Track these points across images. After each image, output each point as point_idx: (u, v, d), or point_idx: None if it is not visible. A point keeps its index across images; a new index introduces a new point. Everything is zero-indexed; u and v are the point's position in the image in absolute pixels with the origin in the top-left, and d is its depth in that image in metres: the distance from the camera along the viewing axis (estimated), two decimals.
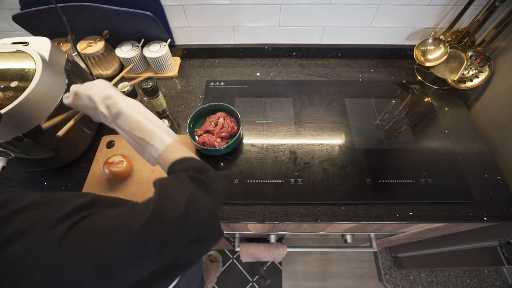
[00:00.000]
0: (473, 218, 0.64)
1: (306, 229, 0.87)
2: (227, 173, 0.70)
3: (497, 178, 0.70)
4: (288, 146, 0.75)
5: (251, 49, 0.94)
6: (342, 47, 0.94)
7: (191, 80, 0.91)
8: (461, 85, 0.83)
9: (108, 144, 0.74)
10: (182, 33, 0.91)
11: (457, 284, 1.33)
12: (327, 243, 1.27)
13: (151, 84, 0.80)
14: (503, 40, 0.77)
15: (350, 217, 0.65)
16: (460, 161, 0.72)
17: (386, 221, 0.64)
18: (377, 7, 0.81)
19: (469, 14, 0.79)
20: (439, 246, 1.02)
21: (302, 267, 1.46)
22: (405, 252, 1.29)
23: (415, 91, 0.87)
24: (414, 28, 0.88)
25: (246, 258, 0.96)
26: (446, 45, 0.82)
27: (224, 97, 0.86)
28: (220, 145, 0.69)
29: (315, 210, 0.66)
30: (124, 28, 0.84)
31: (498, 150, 0.76)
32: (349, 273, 1.44)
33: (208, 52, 0.96)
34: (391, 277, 1.37)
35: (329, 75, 0.93)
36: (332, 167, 0.71)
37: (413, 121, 0.80)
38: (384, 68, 0.94)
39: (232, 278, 1.41)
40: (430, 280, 1.36)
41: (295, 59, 0.97)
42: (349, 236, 0.91)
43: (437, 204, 0.66)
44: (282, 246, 0.95)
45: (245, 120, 0.80)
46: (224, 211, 0.65)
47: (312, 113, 0.82)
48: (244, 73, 0.94)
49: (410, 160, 0.72)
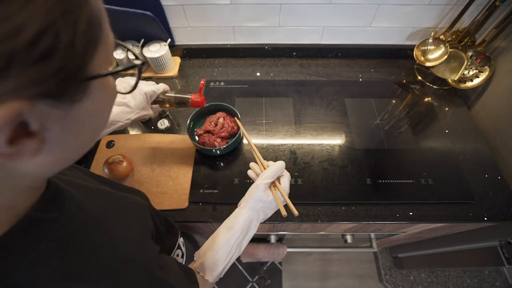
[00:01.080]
0: (473, 218, 0.64)
1: (306, 229, 0.87)
2: (227, 173, 0.70)
3: (498, 178, 0.70)
4: (288, 146, 0.75)
5: (251, 49, 0.94)
6: (342, 47, 0.94)
7: (191, 80, 0.91)
8: (461, 85, 0.82)
9: (108, 144, 0.74)
10: (182, 33, 0.91)
11: (458, 284, 1.33)
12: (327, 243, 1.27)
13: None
14: (504, 40, 0.77)
15: (350, 217, 0.65)
16: (460, 161, 0.72)
17: (386, 221, 0.64)
18: (377, 7, 0.81)
19: (469, 14, 0.79)
20: (439, 246, 1.02)
21: (302, 267, 1.46)
22: (405, 252, 1.29)
23: (415, 91, 0.87)
24: (414, 28, 0.88)
25: (246, 258, 0.96)
26: (446, 45, 0.82)
27: (224, 97, 0.86)
28: (220, 145, 0.69)
29: (315, 210, 0.66)
30: (124, 28, 0.84)
31: (498, 150, 0.76)
32: (349, 273, 1.44)
33: (208, 52, 0.96)
34: (391, 277, 1.37)
35: (329, 75, 0.93)
36: (332, 167, 0.71)
37: (414, 121, 0.80)
38: (384, 68, 0.94)
39: (232, 278, 1.40)
40: (430, 280, 1.36)
41: (295, 59, 0.97)
42: (349, 236, 0.91)
43: (437, 204, 0.66)
44: (282, 246, 0.94)
45: (245, 120, 0.80)
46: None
47: (312, 113, 0.82)
48: (244, 73, 0.93)
49: (410, 160, 0.72)
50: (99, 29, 0.19)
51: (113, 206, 0.35)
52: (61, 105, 0.18)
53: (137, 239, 0.33)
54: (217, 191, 0.67)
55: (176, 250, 0.53)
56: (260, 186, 0.46)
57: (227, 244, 0.44)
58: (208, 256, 0.44)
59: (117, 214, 0.34)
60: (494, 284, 1.32)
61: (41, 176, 0.23)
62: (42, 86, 0.16)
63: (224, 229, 0.46)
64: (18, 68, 0.14)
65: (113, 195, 0.37)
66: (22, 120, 0.16)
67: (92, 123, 0.23)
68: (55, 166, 0.22)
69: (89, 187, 0.34)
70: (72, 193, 0.28)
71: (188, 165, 0.71)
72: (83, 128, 0.21)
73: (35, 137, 0.17)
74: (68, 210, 0.26)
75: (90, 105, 0.20)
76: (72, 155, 0.23)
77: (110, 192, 0.37)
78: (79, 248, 0.26)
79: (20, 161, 0.18)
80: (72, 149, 0.22)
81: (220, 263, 0.43)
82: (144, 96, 0.54)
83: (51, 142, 0.18)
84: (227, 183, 0.68)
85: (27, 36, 0.14)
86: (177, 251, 0.53)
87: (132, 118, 0.52)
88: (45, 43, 0.15)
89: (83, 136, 0.23)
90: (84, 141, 0.23)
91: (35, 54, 0.15)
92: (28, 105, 0.16)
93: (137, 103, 0.52)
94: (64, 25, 0.15)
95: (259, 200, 0.46)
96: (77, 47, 0.17)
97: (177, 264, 0.39)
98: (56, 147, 0.19)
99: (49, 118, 0.17)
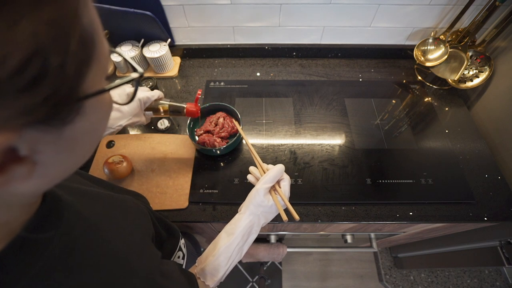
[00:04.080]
0: (473, 218, 0.64)
1: (306, 229, 0.87)
2: (227, 173, 0.70)
3: (498, 178, 0.70)
4: (288, 146, 0.75)
5: (251, 49, 0.94)
6: (342, 47, 0.94)
7: (191, 80, 0.91)
8: (461, 85, 0.82)
9: (107, 144, 0.74)
10: (182, 33, 0.91)
11: (458, 284, 1.33)
12: (327, 243, 1.27)
13: (151, 84, 0.80)
14: (504, 40, 0.77)
15: (350, 217, 0.65)
16: (460, 161, 0.72)
17: (386, 221, 0.64)
18: (377, 7, 0.81)
19: (469, 14, 0.79)
20: (439, 246, 1.02)
21: (302, 267, 1.46)
22: (405, 252, 1.29)
23: (415, 91, 0.87)
24: (414, 28, 0.88)
25: (246, 258, 0.95)
26: (446, 45, 0.82)
27: (224, 97, 0.86)
28: (220, 145, 0.69)
29: (315, 210, 0.66)
30: (124, 28, 0.84)
31: (498, 150, 0.76)
32: (349, 273, 1.44)
33: (208, 52, 0.96)
34: (391, 277, 1.37)
35: (329, 75, 0.93)
36: (332, 167, 0.71)
37: (413, 121, 0.80)
38: (384, 68, 0.94)
39: (232, 278, 1.41)
40: (430, 280, 1.36)
41: (295, 59, 0.97)
42: (349, 236, 0.91)
43: (438, 204, 0.66)
44: (282, 246, 0.94)
45: (245, 120, 0.80)
46: (224, 211, 0.65)
47: (312, 113, 0.82)
48: (244, 73, 0.93)
49: (410, 160, 0.72)
50: (92, 46, 0.17)
51: (114, 211, 0.34)
52: (53, 128, 0.16)
53: (139, 246, 0.33)
54: (217, 191, 0.67)
55: (177, 252, 0.53)
56: (260, 191, 0.46)
57: (227, 249, 0.44)
58: (209, 261, 0.44)
59: (117, 220, 0.33)
60: (494, 284, 1.32)
61: (35, 194, 0.22)
62: (31, 115, 0.14)
63: (224, 234, 0.46)
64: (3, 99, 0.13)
65: (113, 200, 0.36)
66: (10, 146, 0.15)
67: (87, 139, 0.21)
68: (49, 184, 0.20)
69: (88, 192, 0.33)
70: (71, 201, 0.27)
71: (188, 165, 0.71)
72: (77, 145, 0.20)
73: (25, 161, 0.16)
74: (67, 222, 0.25)
75: (84, 123, 0.19)
76: (67, 171, 0.21)
77: (110, 196, 0.36)
78: (78, 261, 0.25)
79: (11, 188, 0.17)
80: (66, 166, 0.21)
81: (221, 268, 0.43)
82: (138, 102, 0.52)
83: (44, 164, 0.17)
84: (227, 183, 0.68)
85: (12, 64, 0.12)
86: (178, 253, 0.53)
87: (123, 124, 0.50)
88: (33, 70, 0.13)
89: (78, 153, 0.21)
90: (79, 157, 0.22)
91: (22, 82, 0.13)
92: (16, 135, 0.14)
93: (130, 109, 0.51)
94: (53, 48, 0.14)
95: (259, 205, 0.46)
96: (68, 70, 0.15)
97: (179, 270, 0.39)
98: (49, 168, 0.18)
99: (40, 142, 0.16)
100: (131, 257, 0.30)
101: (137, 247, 0.32)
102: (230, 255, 0.44)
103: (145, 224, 0.39)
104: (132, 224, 0.35)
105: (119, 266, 0.28)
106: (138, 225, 0.37)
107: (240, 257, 0.47)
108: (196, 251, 0.73)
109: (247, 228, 0.45)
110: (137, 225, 0.36)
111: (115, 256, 0.28)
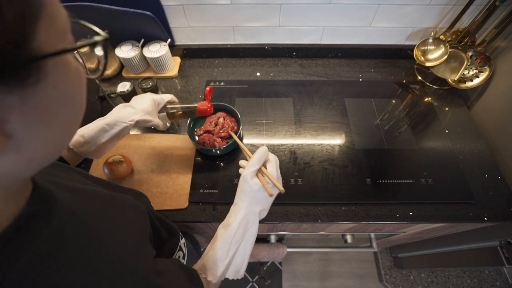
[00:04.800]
0: (473, 218, 0.64)
1: (306, 229, 0.87)
2: (227, 173, 0.70)
3: (498, 178, 0.70)
4: (288, 146, 0.75)
5: (251, 49, 0.94)
6: (342, 47, 0.94)
7: (191, 80, 0.91)
8: (461, 85, 0.82)
9: None
10: (182, 33, 0.91)
11: (458, 284, 1.33)
12: (327, 243, 1.27)
13: (151, 84, 0.80)
14: (504, 40, 0.77)
15: (350, 217, 0.65)
16: (460, 161, 0.72)
17: (386, 221, 0.64)
18: (377, 7, 0.81)
19: (469, 14, 0.79)
20: (439, 246, 1.02)
21: (302, 267, 1.46)
22: (405, 252, 1.29)
23: (415, 91, 0.87)
24: (414, 28, 0.88)
25: None
26: (446, 45, 0.82)
27: (224, 97, 0.86)
28: (220, 145, 0.69)
29: (315, 210, 0.66)
30: (124, 28, 0.84)
31: (498, 150, 0.76)
32: (349, 273, 1.44)
33: (208, 52, 0.96)
34: (391, 277, 1.37)
35: (329, 75, 0.93)
36: (332, 167, 0.71)
37: (414, 121, 0.80)
38: (384, 68, 0.94)
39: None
40: (430, 280, 1.36)
41: (295, 59, 0.97)
42: (349, 236, 0.91)
43: (438, 204, 0.66)
44: (282, 246, 0.94)
45: (245, 120, 0.80)
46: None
47: (312, 113, 0.82)
48: (244, 73, 0.93)
49: (410, 160, 0.72)
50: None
51: (111, 210, 0.34)
52: (13, 89, 0.16)
53: (134, 245, 0.32)
54: (217, 191, 0.67)
55: (177, 252, 0.53)
56: (247, 176, 0.45)
57: (225, 242, 0.44)
58: (209, 256, 0.44)
59: (114, 219, 0.33)
60: (494, 284, 1.32)
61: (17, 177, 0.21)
62: None
63: (222, 229, 0.46)
64: None
65: (111, 199, 0.36)
66: None
67: (62, 111, 0.20)
68: (31, 165, 0.20)
69: (85, 191, 0.33)
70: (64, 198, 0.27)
71: (188, 165, 0.71)
72: (52, 118, 0.19)
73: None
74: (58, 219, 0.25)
75: (51, 90, 0.18)
76: (49, 150, 0.21)
77: (108, 195, 0.36)
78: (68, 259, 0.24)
79: None
80: (47, 144, 0.20)
81: (220, 262, 0.43)
82: (152, 101, 0.55)
83: (17, 137, 0.17)
84: (227, 183, 0.68)
85: None
86: (179, 252, 0.53)
87: (136, 119, 0.52)
88: None
89: (57, 128, 0.20)
90: (59, 134, 0.21)
91: None
92: None
93: (143, 106, 0.53)
94: None
95: (248, 191, 0.45)
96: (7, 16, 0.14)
97: (179, 266, 0.39)
98: (26, 142, 0.18)
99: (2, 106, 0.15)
100: (125, 256, 0.30)
101: (132, 247, 0.32)
102: (228, 248, 0.43)
103: (143, 224, 0.38)
104: (129, 224, 0.35)
105: (111, 266, 0.28)
106: (136, 225, 0.37)
107: (245, 252, 0.46)
108: (196, 251, 0.73)
109: (242, 217, 0.45)
110: (134, 225, 0.36)
111: (108, 256, 0.28)
